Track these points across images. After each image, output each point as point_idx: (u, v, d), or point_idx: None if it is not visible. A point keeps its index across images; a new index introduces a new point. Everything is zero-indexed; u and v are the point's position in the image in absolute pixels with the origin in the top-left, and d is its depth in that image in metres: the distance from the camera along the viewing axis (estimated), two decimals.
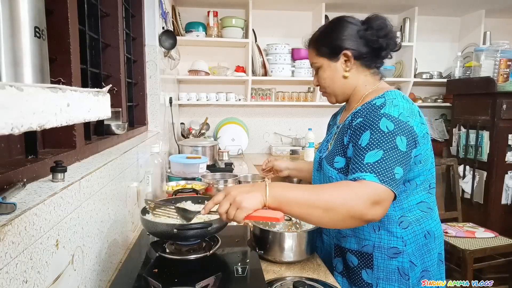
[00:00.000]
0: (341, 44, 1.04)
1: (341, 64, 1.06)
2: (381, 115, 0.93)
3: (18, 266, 0.50)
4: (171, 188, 1.60)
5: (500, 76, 2.61)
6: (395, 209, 0.99)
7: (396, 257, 0.99)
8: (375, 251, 1.00)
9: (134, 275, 0.85)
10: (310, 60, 1.14)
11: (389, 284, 1.00)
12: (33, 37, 0.46)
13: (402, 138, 0.89)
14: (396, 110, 0.93)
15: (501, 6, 3.10)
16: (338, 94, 1.11)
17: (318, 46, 1.09)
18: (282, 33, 3.30)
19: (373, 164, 0.87)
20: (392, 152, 0.87)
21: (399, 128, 0.90)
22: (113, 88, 1.43)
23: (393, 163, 0.87)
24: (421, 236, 1.01)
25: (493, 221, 2.63)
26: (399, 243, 0.99)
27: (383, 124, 0.91)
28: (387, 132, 0.90)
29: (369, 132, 0.92)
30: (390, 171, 0.86)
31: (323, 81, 1.10)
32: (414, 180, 1.00)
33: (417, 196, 1.01)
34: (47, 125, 0.36)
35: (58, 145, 0.88)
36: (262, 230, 1.09)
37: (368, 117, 0.96)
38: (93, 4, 1.20)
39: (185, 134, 2.99)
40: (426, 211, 1.02)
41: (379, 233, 1.00)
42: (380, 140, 0.89)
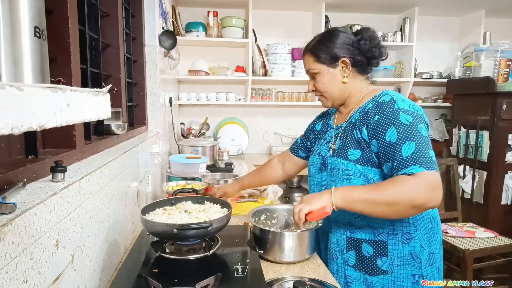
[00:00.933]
0: (340, 52, 1.14)
1: (339, 71, 1.16)
2: (397, 110, 1.03)
3: (18, 266, 0.50)
4: (171, 188, 1.60)
5: (500, 76, 2.61)
6: None
7: (408, 242, 1.07)
8: (390, 238, 1.07)
9: (134, 275, 0.85)
10: (307, 67, 1.20)
11: (403, 269, 1.07)
12: (33, 37, 0.46)
13: (421, 125, 1.01)
14: (405, 103, 1.05)
15: (501, 6, 3.10)
16: (336, 98, 1.20)
17: (317, 54, 1.16)
18: (282, 33, 3.30)
19: (412, 156, 0.97)
20: (421, 140, 0.98)
21: (416, 118, 1.02)
22: (113, 88, 1.43)
23: (426, 148, 0.98)
24: (428, 221, 1.11)
25: (493, 221, 2.63)
26: (411, 229, 1.07)
27: (403, 117, 1.01)
28: (409, 124, 1.00)
29: (394, 128, 1.01)
30: (427, 156, 0.97)
31: (321, 86, 1.18)
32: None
33: None
34: (47, 125, 0.36)
35: (58, 145, 0.88)
36: (262, 230, 1.09)
37: (385, 114, 1.05)
38: (93, 4, 1.20)
39: (185, 134, 2.99)
40: None
41: (393, 221, 1.07)
42: (407, 132, 1.00)
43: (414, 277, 1.06)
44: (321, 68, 1.16)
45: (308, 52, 1.19)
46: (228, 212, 1.00)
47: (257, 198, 1.65)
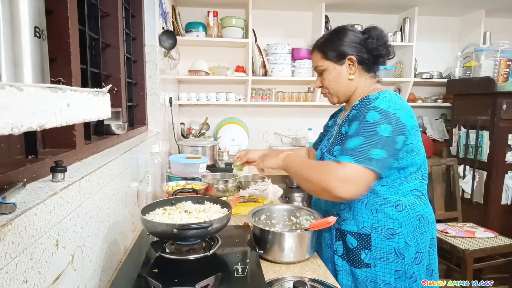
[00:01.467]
0: (347, 49, 1.16)
1: (346, 68, 1.18)
2: (370, 108, 1.06)
3: (18, 266, 0.50)
4: (171, 188, 1.60)
5: (500, 76, 2.61)
6: (391, 193, 1.10)
7: (392, 238, 1.09)
8: (373, 232, 1.10)
9: (134, 275, 0.85)
10: (315, 64, 1.23)
11: (386, 264, 1.09)
12: (33, 37, 0.46)
13: (386, 126, 1.02)
14: (387, 103, 1.06)
15: (501, 6, 3.10)
16: (341, 95, 1.22)
17: (324, 51, 1.19)
18: (282, 33, 3.30)
19: (352, 148, 1.02)
20: (373, 138, 1.01)
21: (385, 117, 1.03)
22: (113, 88, 1.43)
23: (371, 146, 1.00)
24: (415, 219, 1.11)
25: (493, 221, 2.63)
26: (395, 224, 1.09)
27: (370, 116, 1.04)
28: (372, 122, 1.03)
29: (358, 123, 1.06)
30: (366, 153, 1.00)
31: (328, 83, 1.21)
32: (408, 169, 1.11)
33: (411, 183, 1.12)
34: (47, 125, 0.36)
35: (58, 145, 0.88)
36: (262, 230, 1.09)
37: (360, 110, 1.09)
38: (93, 4, 1.20)
39: (185, 134, 2.99)
40: (419, 197, 1.14)
41: (377, 216, 1.10)
42: (364, 128, 1.04)
43: (397, 273, 1.08)
44: (328, 65, 1.19)
45: (316, 49, 1.22)
46: (228, 212, 1.00)
47: (257, 198, 1.65)
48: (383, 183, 1.10)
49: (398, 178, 1.10)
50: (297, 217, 1.26)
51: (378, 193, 1.10)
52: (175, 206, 1.10)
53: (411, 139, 1.07)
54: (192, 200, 1.14)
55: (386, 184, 1.10)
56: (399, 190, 1.11)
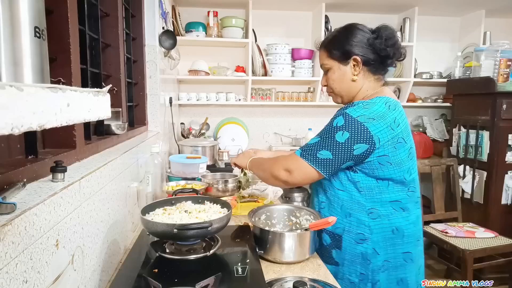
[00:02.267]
0: (352, 49, 1.14)
1: (350, 68, 1.16)
2: (341, 113, 1.11)
3: (18, 266, 0.50)
4: (171, 188, 1.60)
5: (500, 76, 2.61)
6: (367, 201, 1.12)
7: (362, 243, 1.12)
8: (344, 234, 1.14)
9: (134, 275, 0.85)
10: (321, 62, 1.23)
11: (352, 265, 1.13)
12: (33, 37, 0.46)
13: (344, 133, 1.07)
14: (360, 112, 1.08)
15: (501, 6, 3.10)
16: (344, 95, 1.21)
17: (330, 49, 1.18)
18: (282, 33, 3.30)
19: (308, 145, 1.14)
20: (326, 140, 1.09)
21: (348, 125, 1.07)
22: (113, 88, 1.43)
23: (321, 147, 1.10)
24: (389, 230, 1.12)
25: (493, 221, 2.63)
26: (365, 231, 1.11)
27: (337, 120, 1.10)
28: (334, 126, 1.09)
29: (326, 125, 1.14)
30: (314, 151, 1.10)
31: (332, 82, 1.21)
32: (387, 180, 1.11)
33: (392, 194, 1.12)
34: (47, 125, 0.36)
35: (58, 145, 0.88)
36: (262, 230, 1.09)
37: (338, 111, 1.14)
38: (93, 4, 1.20)
39: (185, 134, 2.99)
40: (398, 210, 1.13)
41: (350, 219, 1.13)
42: (326, 130, 1.12)
43: (362, 275, 1.12)
44: (332, 64, 1.18)
45: (323, 47, 1.21)
46: (228, 212, 1.00)
47: (257, 198, 1.65)
48: (361, 189, 1.11)
49: (376, 187, 1.11)
50: (297, 217, 1.26)
51: (354, 198, 1.12)
52: (175, 206, 1.09)
53: (386, 151, 1.07)
54: (192, 200, 1.14)
55: (363, 191, 1.11)
56: (376, 198, 1.11)
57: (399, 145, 1.08)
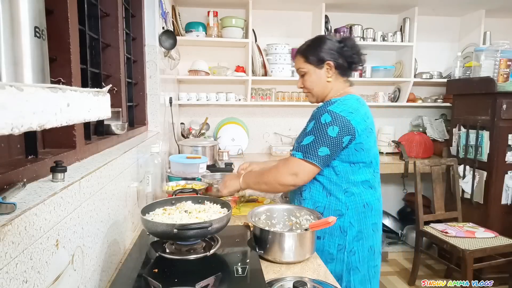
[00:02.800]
0: (325, 56, 1.34)
1: (324, 71, 1.35)
2: (326, 111, 1.27)
3: (18, 266, 0.50)
4: (171, 188, 1.60)
5: (500, 76, 2.61)
6: (343, 182, 1.30)
7: (339, 217, 1.29)
8: (325, 211, 1.31)
9: (134, 275, 0.85)
10: (298, 66, 1.40)
11: (332, 238, 1.30)
12: (33, 37, 0.46)
13: (335, 127, 1.24)
14: (340, 107, 1.27)
15: (501, 6, 3.10)
16: (319, 94, 1.40)
17: (306, 55, 1.36)
18: (282, 33, 3.30)
19: (305, 145, 1.27)
20: (322, 138, 1.25)
21: (335, 120, 1.24)
22: (113, 88, 1.43)
23: (319, 144, 1.24)
24: (361, 205, 1.31)
25: (493, 221, 2.63)
26: (343, 207, 1.30)
27: (324, 117, 1.26)
28: (324, 123, 1.25)
29: (314, 122, 1.29)
30: (315, 150, 1.25)
31: (308, 84, 1.39)
32: (358, 164, 1.31)
33: (362, 175, 1.32)
34: (47, 125, 0.36)
35: (58, 145, 0.88)
36: (262, 230, 1.09)
37: (319, 110, 1.31)
38: (93, 4, 1.20)
39: (185, 134, 2.99)
40: (367, 188, 1.33)
41: (329, 199, 1.32)
42: (317, 128, 1.27)
43: (339, 246, 1.30)
44: (309, 68, 1.36)
45: (299, 54, 1.39)
46: (228, 212, 1.00)
47: (257, 198, 1.65)
48: (338, 172, 1.30)
49: (350, 170, 1.30)
50: (297, 217, 1.26)
51: (332, 180, 1.31)
52: (175, 206, 1.10)
53: (361, 139, 1.27)
54: (192, 200, 1.14)
55: (340, 174, 1.30)
56: (350, 180, 1.30)
57: (369, 134, 1.30)
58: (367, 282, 1.33)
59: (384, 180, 3.63)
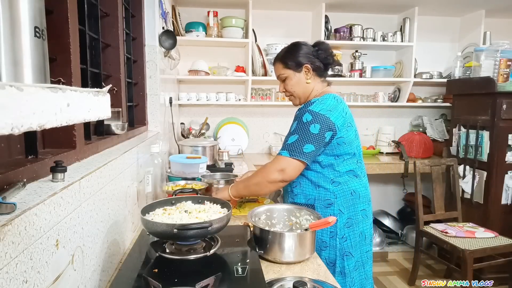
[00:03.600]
0: (303, 59, 1.43)
1: (303, 74, 1.45)
2: (306, 111, 1.36)
3: (18, 266, 0.50)
4: (171, 188, 1.60)
5: (500, 76, 2.61)
6: (329, 173, 1.39)
7: (329, 206, 1.38)
8: (316, 202, 1.39)
9: (134, 275, 0.85)
10: (278, 73, 1.49)
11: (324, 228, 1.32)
12: (33, 37, 0.46)
13: (316, 125, 1.32)
14: (319, 106, 1.35)
15: (501, 6, 3.10)
16: (301, 96, 1.48)
17: (285, 61, 1.46)
18: (282, 33, 3.30)
19: (290, 144, 1.34)
20: (305, 135, 1.32)
21: (315, 118, 1.33)
22: (113, 88, 1.43)
23: (304, 142, 1.32)
24: (348, 193, 1.39)
25: (493, 221, 2.63)
26: (331, 196, 1.38)
27: (305, 117, 1.34)
28: (305, 122, 1.34)
29: (297, 123, 1.37)
30: (300, 148, 1.32)
31: (290, 87, 1.47)
32: (343, 156, 1.39)
33: (347, 166, 1.40)
34: (47, 125, 0.36)
35: (58, 145, 0.88)
36: (262, 230, 1.09)
37: (300, 111, 1.40)
38: (93, 4, 1.20)
39: (185, 134, 2.99)
40: (352, 177, 1.41)
41: (318, 190, 1.40)
42: (300, 128, 1.34)
43: (331, 233, 1.36)
44: (289, 73, 1.45)
45: (278, 61, 1.48)
46: (228, 212, 1.00)
47: (257, 198, 1.65)
48: (324, 166, 1.38)
49: (335, 162, 1.39)
50: (297, 217, 1.26)
51: (320, 172, 1.39)
52: (175, 206, 1.09)
53: (342, 134, 1.35)
54: (192, 200, 1.14)
55: (326, 166, 1.38)
56: (336, 171, 1.38)
57: (349, 128, 1.38)
58: (360, 267, 1.40)
59: (384, 180, 3.64)
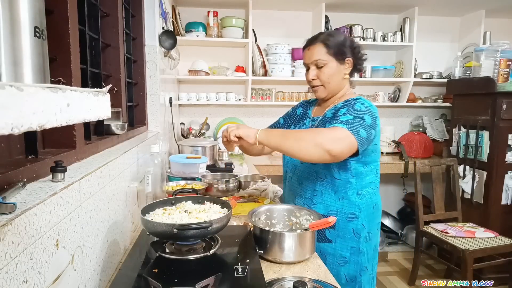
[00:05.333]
0: (348, 51, 1.30)
1: (343, 67, 1.31)
2: (357, 100, 1.25)
3: (18, 266, 0.50)
4: (171, 188, 1.60)
5: (500, 76, 2.61)
6: (357, 184, 1.28)
7: (352, 220, 1.28)
8: (338, 215, 1.28)
9: (134, 275, 0.85)
10: (317, 57, 1.29)
11: (344, 241, 1.29)
12: (33, 37, 0.46)
13: (369, 116, 1.20)
14: (368, 103, 1.26)
15: (501, 6, 3.10)
16: (332, 91, 1.34)
17: (330, 46, 1.28)
18: (282, 33, 3.30)
19: (345, 120, 1.17)
20: (360, 120, 1.17)
21: (368, 110, 1.21)
22: (113, 88, 1.43)
23: (359, 125, 1.16)
24: (371, 206, 1.32)
25: (493, 221, 2.63)
26: (356, 209, 1.28)
27: (358, 105, 1.22)
28: (359, 109, 1.20)
29: (346, 109, 1.22)
30: (357, 128, 1.16)
31: (327, 77, 1.30)
32: (370, 164, 1.30)
33: (370, 177, 1.32)
34: (47, 125, 0.36)
35: (58, 145, 0.88)
36: (262, 230, 1.09)
37: (347, 103, 1.27)
38: (93, 4, 1.20)
39: (185, 134, 2.99)
40: (374, 189, 1.34)
41: (342, 202, 1.29)
42: (353, 111, 1.20)
43: (352, 249, 1.28)
44: (330, 60, 1.29)
45: (321, 43, 1.29)
46: (228, 212, 1.00)
47: (257, 198, 1.65)
48: (353, 175, 1.27)
49: (364, 171, 1.29)
50: (297, 217, 1.26)
51: (347, 184, 1.28)
52: (175, 206, 1.09)
53: (377, 139, 1.26)
54: (192, 200, 1.14)
55: (355, 175, 1.28)
56: (363, 181, 1.29)
57: (378, 134, 1.28)
58: (371, 280, 1.35)
59: (384, 180, 3.64)
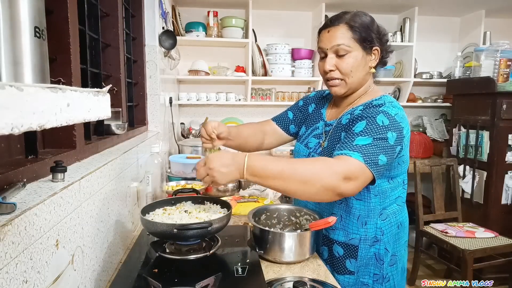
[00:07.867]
0: (376, 39, 1.06)
1: (370, 58, 1.08)
2: (380, 111, 0.99)
3: (18, 266, 0.50)
4: (171, 188, 1.60)
5: (500, 76, 2.61)
6: (380, 204, 1.08)
7: (374, 245, 1.09)
8: (361, 243, 1.09)
9: (134, 275, 0.85)
10: (341, 41, 1.03)
11: (366, 269, 1.10)
12: (33, 37, 0.45)
13: (393, 133, 0.97)
14: (394, 110, 1.01)
15: (501, 6, 3.10)
16: (354, 85, 1.09)
17: (358, 31, 1.03)
18: (282, 33, 3.30)
19: (362, 146, 0.93)
20: (381, 142, 0.95)
21: (393, 125, 0.97)
22: (113, 88, 1.43)
23: (380, 150, 0.94)
24: (395, 226, 1.12)
25: (493, 221, 2.63)
26: (378, 233, 1.09)
27: (380, 118, 0.98)
28: (382, 125, 0.97)
29: (365, 122, 0.98)
30: (375, 156, 0.93)
31: (349, 68, 1.05)
32: (397, 178, 1.09)
33: (396, 191, 1.11)
34: (47, 125, 0.36)
35: (58, 145, 0.88)
36: (262, 230, 1.09)
37: (367, 111, 1.02)
38: (93, 4, 1.20)
39: (185, 134, 2.99)
40: (401, 205, 1.14)
41: (366, 227, 1.08)
42: (373, 130, 0.96)
43: (375, 276, 1.10)
44: (356, 48, 1.04)
45: (346, 25, 1.04)
46: (228, 212, 1.00)
47: (257, 198, 1.65)
48: (376, 193, 1.06)
49: (388, 188, 1.08)
50: (297, 217, 1.26)
51: (371, 204, 1.07)
52: (175, 206, 1.09)
53: (405, 150, 1.03)
54: (192, 200, 1.14)
55: (378, 194, 1.07)
56: (387, 198, 1.09)
57: (408, 142, 1.05)
58: None
59: None
